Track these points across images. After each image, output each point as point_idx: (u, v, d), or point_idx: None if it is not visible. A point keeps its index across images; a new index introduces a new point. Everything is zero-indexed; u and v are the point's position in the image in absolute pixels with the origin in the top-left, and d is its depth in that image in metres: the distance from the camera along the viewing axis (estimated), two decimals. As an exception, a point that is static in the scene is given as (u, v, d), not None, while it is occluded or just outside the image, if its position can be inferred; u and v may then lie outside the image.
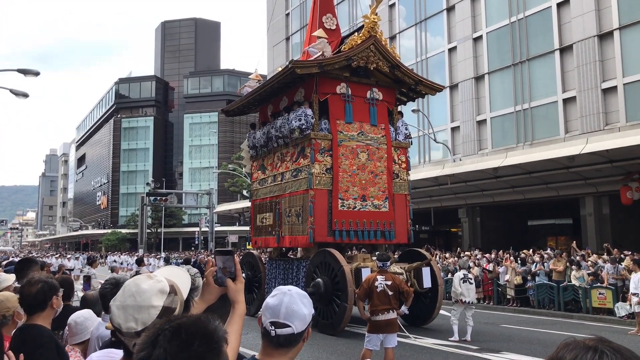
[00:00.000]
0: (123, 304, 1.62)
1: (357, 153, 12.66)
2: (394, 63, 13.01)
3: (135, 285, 1.64)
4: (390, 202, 12.98)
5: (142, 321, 1.57)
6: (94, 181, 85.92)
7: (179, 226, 67.16)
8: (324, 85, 12.77)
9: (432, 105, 30.19)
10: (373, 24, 12.70)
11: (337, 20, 14.93)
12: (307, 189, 12.23)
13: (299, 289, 1.86)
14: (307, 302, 1.83)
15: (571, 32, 22.87)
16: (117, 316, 1.62)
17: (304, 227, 12.27)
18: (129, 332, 1.59)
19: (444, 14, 29.77)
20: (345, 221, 12.26)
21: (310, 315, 1.82)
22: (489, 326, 13.17)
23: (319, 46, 13.03)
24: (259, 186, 15.05)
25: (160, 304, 1.61)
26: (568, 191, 21.09)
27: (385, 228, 12.79)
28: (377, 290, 7.42)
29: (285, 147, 13.56)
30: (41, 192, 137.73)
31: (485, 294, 18.12)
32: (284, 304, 1.77)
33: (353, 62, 12.56)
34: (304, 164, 12.54)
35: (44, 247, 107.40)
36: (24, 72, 14.31)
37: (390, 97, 13.67)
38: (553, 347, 4.56)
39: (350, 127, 12.75)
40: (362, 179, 12.63)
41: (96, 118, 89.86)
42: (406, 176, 13.63)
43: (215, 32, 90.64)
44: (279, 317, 1.76)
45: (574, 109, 22.70)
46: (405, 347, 9.85)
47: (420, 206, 27.48)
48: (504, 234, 24.97)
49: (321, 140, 12.46)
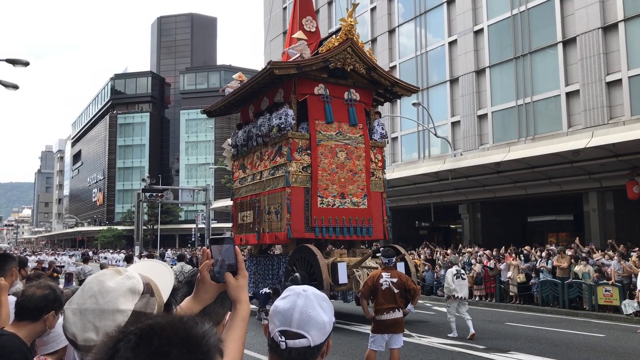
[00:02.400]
0: (81, 307, 1.21)
1: (335, 152, 13.04)
2: (370, 65, 13.41)
3: (98, 283, 1.23)
4: (369, 199, 13.32)
5: (105, 330, 1.17)
6: (90, 178, 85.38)
7: (175, 223, 66.74)
8: (303, 86, 13.08)
9: (432, 99, 29.80)
10: (350, 26, 13.06)
11: (316, 22, 15.33)
12: (284, 187, 12.59)
13: (316, 289, 1.44)
14: (327, 306, 1.41)
15: (574, 25, 22.48)
16: (71, 324, 1.21)
17: (283, 224, 12.55)
18: (86, 345, 1.18)
19: (444, 7, 29.36)
20: (324, 218, 12.61)
21: (331, 323, 1.40)
22: (494, 324, 12.87)
23: (298, 48, 13.34)
24: (239, 185, 15.36)
25: (129, 307, 1.21)
26: (571, 186, 20.73)
27: (364, 225, 13.14)
28: (382, 288, 7.04)
29: (264, 146, 13.87)
30: (37, 188, 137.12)
31: (487, 291, 17.80)
32: (298, 308, 1.37)
33: (330, 63, 12.91)
34: (281, 163, 12.92)
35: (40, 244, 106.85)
36: (13, 62, 13.88)
37: (368, 97, 14.08)
38: (562, 346, 4.07)
39: (329, 127, 13.12)
40: (341, 177, 13.02)
41: (92, 114, 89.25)
42: (382, 174, 14.06)
43: (211, 28, 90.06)
44: (290, 324, 1.36)
45: (577, 103, 22.33)
46: (411, 347, 9.50)
47: (420, 202, 27.15)
48: (504, 230, 24.63)
49: (299, 140, 12.82)
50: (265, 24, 44.78)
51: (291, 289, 1.43)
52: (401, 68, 32.14)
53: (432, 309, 16.12)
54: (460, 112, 27.76)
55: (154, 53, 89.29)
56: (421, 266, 20.30)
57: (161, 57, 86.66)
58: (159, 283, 1.32)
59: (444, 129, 28.25)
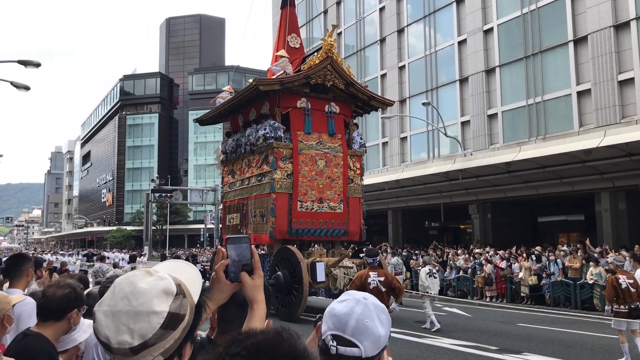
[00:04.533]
0: (113, 309, 1.16)
1: (315, 160, 14.09)
2: (348, 81, 14.48)
3: (129, 284, 1.19)
4: (345, 204, 14.38)
5: (140, 333, 1.14)
6: (99, 178, 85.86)
7: (184, 223, 66.97)
8: (286, 99, 14.16)
9: (441, 99, 29.69)
10: (330, 45, 14.08)
11: (300, 39, 16.57)
12: (270, 192, 13.65)
13: (377, 300, 1.40)
14: (386, 319, 1.36)
15: (586, 23, 22.29)
16: (104, 326, 1.15)
17: (267, 227, 13.67)
18: (121, 347, 1.14)
19: (454, 6, 29.22)
20: (303, 221, 13.67)
21: (386, 337, 1.34)
22: (506, 325, 12.77)
23: (281, 64, 14.48)
24: (228, 189, 16.42)
25: (164, 309, 1.17)
26: (583, 186, 20.55)
27: (339, 227, 14.16)
28: (370, 287, 7.27)
29: (251, 154, 14.93)
30: (47, 189, 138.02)
31: (498, 291, 17.70)
32: (355, 315, 1.31)
33: (312, 79, 14.00)
34: (267, 170, 13.96)
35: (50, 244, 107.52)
36: (25, 64, 13.98)
37: (347, 110, 15.14)
38: (576, 347, 3.99)
39: (309, 137, 14.17)
40: (320, 183, 14.08)
41: (101, 115, 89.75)
42: (360, 181, 15.07)
43: (219, 29, 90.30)
44: (345, 331, 1.30)
45: (589, 102, 22.14)
46: (422, 348, 9.46)
47: (429, 202, 27.05)
48: (515, 231, 24.47)
49: (283, 149, 13.88)
50: (274, 25, 44.83)
51: (350, 293, 1.38)
52: (410, 68, 32.05)
53: (443, 310, 16.02)
54: (470, 111, 27.62)
55: (163, 54, 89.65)
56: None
57: (170, 58, 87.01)
58: (187, 283, 1.29)
59: (453, 128, 28.12)
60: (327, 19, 39.66)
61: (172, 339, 1.18)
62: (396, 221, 30.25)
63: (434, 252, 21.94)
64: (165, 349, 1.18)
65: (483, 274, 17.84)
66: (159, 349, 1.17)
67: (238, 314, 1.87)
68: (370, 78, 35.11)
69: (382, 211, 30.58)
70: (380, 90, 34.00)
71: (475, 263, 18.64)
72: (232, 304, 1.88)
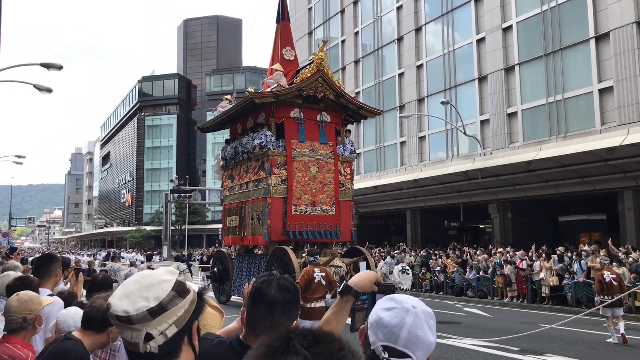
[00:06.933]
0: (125, 292, 1.30)
1: (308, 166, 15.07)
2: (338, 92, 15.55)
3: (138, 274, 1.38)
4: (337, 207, 15.35)
5: (155, 296, 1.28)
6: (119, 179, 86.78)
7: (202, 223, 67.34)
8: (280, 110, 15.23)
9: (460, 97, 29.47)
10: (321, 59, 15.07)
11: (295, 52, 17.50)
12: (265, 197, 14.67)
13: (424, 305, 1.38)
14: (433, 324, 1.36)
15: (607, 20, 21.95)
16: (119, 305, 1.28)
17: (263, 229, 14.70)
18: (139, 312, 1.25)
19: (472, 4, 28.98)
20: (297, 223, 14.67)
21: (435, 343, 1.34)
22: (527, 326, 12.62)
23: (276, 77, 15.49)
24: (228, 193, 17.58)
25: (172, 278, 1.34)
26: (605, 185, 20.24)
27: (332, 229, 15.15)
28: (315, 281, 8.52)
29: (249, 161, 15.94)
30: (67, 190, 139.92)
31: (518, 292, 17.51)
32: (407, 326, 1.30)
33: (304, 91, 15.00)
34: (263, 176, 15.00)
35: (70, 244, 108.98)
36: (47, 66, 14.21)
37: (338, 119, 16.18)
38: (600, 348, 3.94)
39: (302, 145, 15.19)
40: (313, 188, 15.06)
41: (120, 116, 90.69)
42: (350, 185, 16.07)
43: (236, 29, 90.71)
44: (396, 342, 1.29)
45: (611, 100, 21.80)
46: (443, 348, 9.40)
47: (448, 202, 26.88)
48: (535, 230, 24.16)
49: (277, 157, 14.88)
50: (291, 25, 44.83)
51: (397, 301, 1.36)
52: (428, 66, 31.87)
53: (463, 310, 15.92)
54: (489, 110, 27.37)
55: (180, 55, 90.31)
56: (450, 267, 20.11)
57: (187, 59, 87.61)
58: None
59: (472, 127, 27.90)
60: (344, 19, 39.62)
61: (182, 307, 1.30)
62: (415, 221, 30.09)
63: (453, 252, 21.81)
64: (178, 318, 1.29)
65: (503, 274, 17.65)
66: (173, 315, 1.28)
67: (268, 313, 1.88)
68: (387, 77, 35.00)
69: (400, 211, 30.46)
70: (397, 90, 33.90)
71: (495, 264, 18.47)
72: (262, 302, 1.89)
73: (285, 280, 1.98)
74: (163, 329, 1.26)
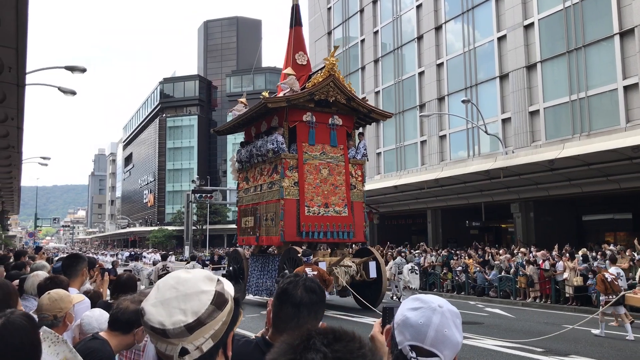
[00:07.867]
0: (161, 299, 1.22)
1: (319, 169, 15.54)
2: (349, 96, 15.95)
3: (173, 278, 1.27)
4: (349, 208, 15.78)
5: (193, 310, 1.20)
6: (141, 179, 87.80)
7: (223, 223, 67.79)
8: (293, 114, 15.65)
9: (481, 96, 29.21)
10: (332, 64, 15.49)
11: (307, 56, 17.96)
12: (279, 199, 15.10)
13: (450, 304, 1.40)
14: (460, 323, 1.37)
15: (632, 15, 21.55)
16: (155, 314, 1.21)
17: (277, 229, 15.13)
18: (176, 327, 1.18)
19: (492, 2, 28.69)
20: (311, 224, 15.06)
21: (461, 342, 1.36)
22: (550, 327, 12.46)
23: (289, 82, 15.85)
24: (243, 194, 18.07)
25: (212, 288, 1.24)
26: (631, 183, 19.87)
27: (345, 229, 15.53)
28: None
29: (263, 164, 16.43)
30: (91, 190, 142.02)
31: (541, 292, 17.29)
32: (434, 325, 1.31)
33: (315, 96, 15.44)
34: (277, 179, 15.44)
35: (94, 244, 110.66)
36: (71, 69, 14.47)
37: (349, 122, 16.60)
38: (626, 350, 3.87)
39: (314, 148, 15.66)
40: (324, 190, 15.48)
41: (142, 118, 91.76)
42: (362, 187, 16.52)
43: (256, 30, 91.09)
44: (424, 342, 1.30)
45: (637, 97, 21.39)
46: (465, 349, 9.33)
47: (470, 201, 26.65)
48: (558, 230, 23.84)
49: (290, 160, 15.36)
50: (310, 25, 44.95)
51: (423, 300, 1.38)
52: (449, 65, 31.65)
53: (485, 310, 15.78)
54: (511, 108, 27.08)
55: (201, 56, 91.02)
56: (472, 267, 19.94)
57: (208, 60, 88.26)
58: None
59: (493, 126, 27.62)
60: (364, 18, 39.54)
61: (220, 320, 1.24)
62: (435, 221, 29.89)
63: (475, 252, 21.62)
64: (215, 331, 1.23)
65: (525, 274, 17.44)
66: (210, 329, 1.22)
67: (294, 313, 1.90)
68: (407, 76, 34.84)
69: (421, 210, 30.29)
70: (417, 89, 33.72)
71: (517, 263, 18.26)
72: (288, 303, 1.91)
73: (312, 281, 2.00)
74: (199, 343, 1.21)
